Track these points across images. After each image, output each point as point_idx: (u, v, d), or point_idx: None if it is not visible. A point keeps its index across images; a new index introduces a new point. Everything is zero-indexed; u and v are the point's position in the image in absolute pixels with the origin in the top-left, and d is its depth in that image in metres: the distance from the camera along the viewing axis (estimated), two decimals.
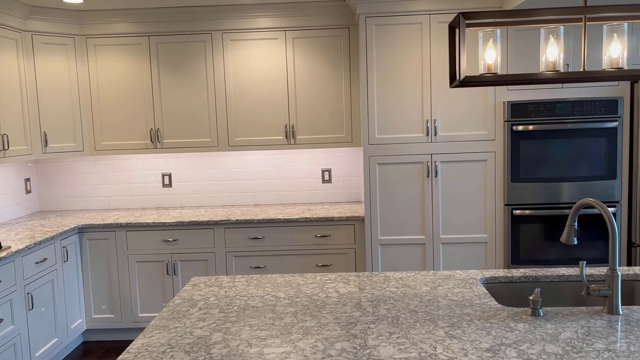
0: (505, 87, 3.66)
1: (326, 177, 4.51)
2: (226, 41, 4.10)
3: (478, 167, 3.74)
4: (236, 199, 4.54)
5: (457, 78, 1.81)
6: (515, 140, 3.65)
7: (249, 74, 4.12)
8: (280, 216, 3.93)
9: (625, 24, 1.78)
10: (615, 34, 1.79)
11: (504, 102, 3.66)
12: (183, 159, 4.53)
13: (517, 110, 3.62)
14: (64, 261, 3.75)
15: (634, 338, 1.58)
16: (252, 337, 1.69)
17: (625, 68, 1.78)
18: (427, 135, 3.73)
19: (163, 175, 4.54)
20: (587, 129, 3.61)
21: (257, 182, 4.53)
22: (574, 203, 3.27)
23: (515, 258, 3.73)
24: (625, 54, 1.78)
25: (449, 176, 3.75)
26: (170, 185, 4.55)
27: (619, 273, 1.79)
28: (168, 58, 4.14)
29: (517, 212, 3.70)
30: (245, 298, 2.08)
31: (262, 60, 4.11)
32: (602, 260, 3.69)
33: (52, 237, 3.57)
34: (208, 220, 3.90)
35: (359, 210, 4.10)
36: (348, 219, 3.91)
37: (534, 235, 3.71)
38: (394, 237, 3.81)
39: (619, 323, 1.71)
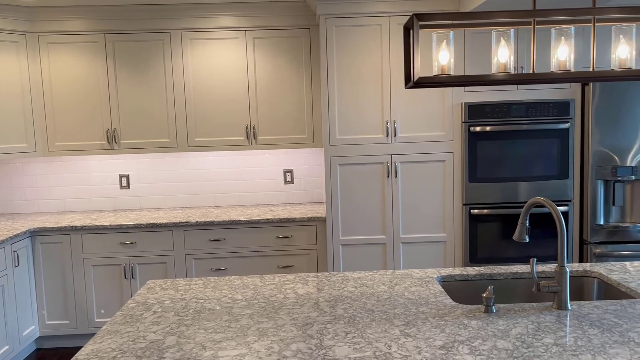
0: (463, 88, 3.73)
1: (288, 178, 4.50)
2: (185, 40, 4.04)
3: (437, 168, 3.80)
4: (196, 201, 4.48)
5: (412, 79, 1.83)
6: (473, 141, 3.72)
7: (209, 74, 4.07)
8: (242, 217, 3.90)
9: (573, 28, 1.83)
10: (562, 37, 1.84)
11: (461, 104, 3.73)
12: (141, 160, 4.44)
13: (474, 112, 3.70)
14: (15, 266, 3.61)
15: (581, 333, 1.63)
16: (206, 340, 1.66)
17: (573, 70, 1.83)
18: (387, 136, 3.77)
19: (121, 177, 4.44)
20: (541, 130, 3.71)
21: (218, 183, 4.48)
22: None
23: (474, 256, 3.80)
24: (572, 56, 1.84)
25: (409, 176, 3.80)
26: (128, 186, 4.44)
27: (567, 270, 1.85)
28: (125, 57, 4.05)
29: (475, 211, 3.77)
30: (202, 301, 2.04)
31: (223, 60, 4.07)
32: (557, 257, 3.79)
33: (2, 242, 3.43)
34: (167, 222, 3.83)
35: (320, 210, 4.10)
36: (310, 219, 3.90)
37: (491, 234, 3.79)
38: (355, 237, 3.83)
39: (568, 318, 1.75)
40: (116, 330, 1.77)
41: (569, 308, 1.84)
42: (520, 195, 3.77)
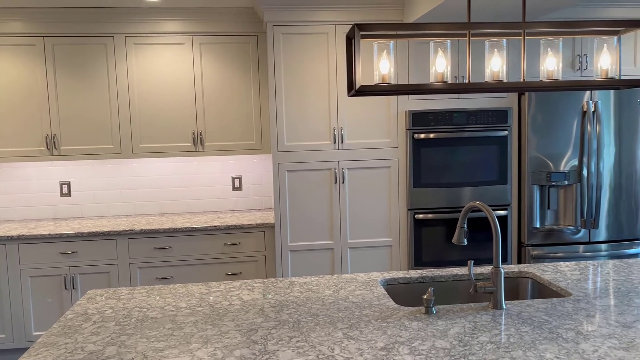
0: (407, 97, 3.84)
1: (236, 184, 4.47)
2: (130, 45, 3.96)
3: (382, 174, 3.88)
4: (141, 208, 4.38)
5: (354, 87, 1.87)
6: (417, 147, 3.83)
7: (155, 79, 4.01)
8: (188, 225, 3.84)
9: (505, 40, 1.93)
10: (496, 49, 1.94)
11: (406, 112, 3.83)
12: (83, 167, 4.31)
13: (418, 120, 3.80)
14: None
15: (514, 330, 1.71)
16: (148, 349, 1.64)
17: (505, 80, 1.93)
18: (335, 142, 3.82)
19: (61, 184, 4.29)
20: (481, 137, 3.86)
21: (164, 190, 4.40)
22: None
23: (418, 260, 3.90)
24: (505, 67, 1.93)
25: (356, 182, 3.86)
26: (69, 194, 4.30)
27: (502, 271, 1.93)
28: (66, 61, 3.92)
29: (420, 216, 3.87)
30: (145, 309, 2.01)
31: (169, 65, 4.01)
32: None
33: None
34: (110, 231, 3.73)
35: (269, 217, 4.10)
36: (258, 226, 3.90)
37: (435, 238, 3.90)
38: (304, 243, 3.85)
39: (503, 317, 1.84)
40: (53, 342, 1.71)
41: (504, 307, 1.92)
42: (463, 200, 3.90)
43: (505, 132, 3.86)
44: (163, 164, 4.39)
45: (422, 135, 3.80)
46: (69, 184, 4.29)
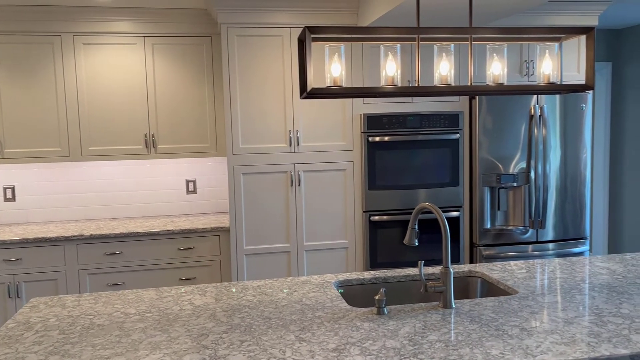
0: (362, 100, 3.87)
1: (191, 187, 4.40)
2: (78, 44, 3.84)
3: (338, 176, 3.90)
4: (91, 213, 4.25)
5: (306, 89, 1.88)
6: (372, 150, 3.87)
7: (105, 80, 3.90)
8: (140, 229, 3.76)
9: (452, 45, 1.98)
10: (444, 54, 1.98)
11: (360, 115, 3.86)
12: (29, 171, 4.15)
13: (372, 123, 3.85)
14: None
15: (462, 329, 1.75)
16: (94, 357, 1.58)
17: (453, 84, 1.98)
18: (290, 145, 3.81)
19: (5, 189, 4.11)
20: (434, 140, 3.94)
21: (116, 194, 4.28)
22: None
23: (374, 261, 3.94)
24: (453, 71, 1.98)
25: (312, 185, 3.87)
26: (13, 199, 4.13)
27: (451, 271, 1.97)
28: (9, 60, 3.77)
29: (375, 218, 3.91)
30: (91, 317, 1.95)
31: (119, 66, 3.91)
32: (453, 260, 4.02)
33: None
34: (58, 236, 3.60)
35: (224, 220, 4.05)
36: (213, 230, 3.84)
37: (390, 239, 3.95)
38: (260, 246, 3.83)
39: (452, 316, 1.87)
40: None
41: (454, 306, 1.96)
42: (418, 202, 3.97)
43: (457, 136, 3.95)
44: (114, 167, 4.27)
45: (377, 138, 3.85)
46: (13, 188, 4.12)
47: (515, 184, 3.96)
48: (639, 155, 5.24)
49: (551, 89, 1.98)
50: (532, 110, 3.94)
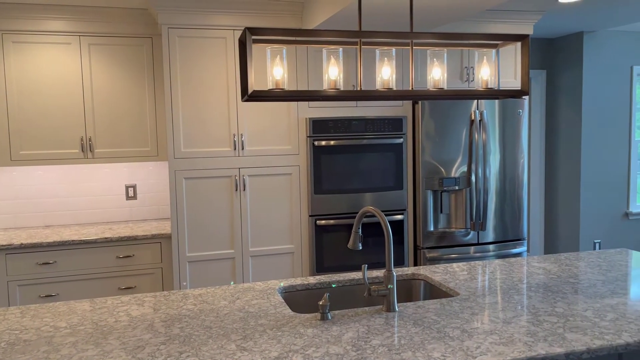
0: (307, 104, 3.86)
1: (130, 193, 4.25)
2: (7, 43, 3.63)
3: (284, 181, 3.86)
4: (22, 221, 4.02)
5: (247, 92, 1.84)
6: (317, 154, 3.86)
7: (37, 81, 3.70)
8: (76, 237, 3.58)
9: (394, 50, 1.99)
10: (386, 58, 1.99)
11: (306, 119, 3.85)
12: None
13: (318, 127, 3.84)
14: None
15: (405, 332, 1.75)
16: None
17: (395, 89, 1.99)
18: (235, 149, 3.75)
19: None
20: (379, 145, 3.97)
21: (49, 200, 4.07)
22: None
23: (320, 266, 3.92)
24: (394, 76, 1.99)
25: (257, 190, 3.81)
26: None
27: (394, 274, 1.98)
28: None
29: (322, 222, 3.90)
30: (17, 332, 1.82)
31: (53, 67, 3.73)
32: (397, 263, 4.07)
33: None
34: None
35: (166, 227, 3.93)
36: (154, 237, 3.72)
37: (337, 244, 3.95)
38: (203, 253, 3.73)
39: (395, 319, 1.88)
40: None
41: (397, 310, 1.97)
42: (363, 205, 3.98)
43: (401, 140, 4.00)
44: (48, 172, 4.06)
45: (323, 143, 3.84)
46: None
47: (457, 187, 4.05)
48: (572, 158, 5.49)
49: (488, 94, 2.02)
50: (473, 116, 4.05)
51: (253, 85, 1.79)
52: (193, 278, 3.72)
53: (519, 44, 2.47)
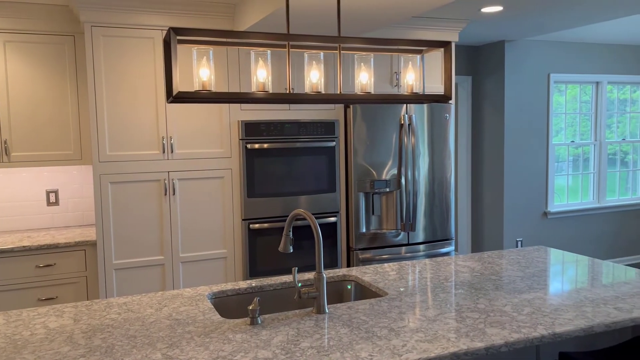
0: (239, 106, 3.82)
1: (52, 199, 4.03)
2: None
3: (216, 184, 3.80)
4: None
5: (172, 93, 1.79)
6: (250, 157, 3.83)
7: None
8: None
9: (322, 53, 2.01)
10: (314, 62, 2.00)
11: (238, 121, 3.80)
12: None
13: (250, 130, 3.81)
14: None
15: (334, 333, 1.77)
16: None
17: (323, 92, 2.00)
18: (164, 152, 3.64)
19: None
20: (312, 148, 3.99)
21: None
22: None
23: (253, 270, 3.89)
24: (323, 79, 2.01)
25: (188, 194, 3.72)
26: None
27: (324, 276, 1.99)
28: None
29: (255, 226, 3.87)
30: None
31: None
32: (331, 264, 4.10)
33: None
34: None
35: (91, 234, 3.76)
36: (77, 244, 3.54)
37: (270, 247, 3.92)
38: (131, 260, 3.60)
39: (325, 321, 1.89)
40: None
41: (327, 311, 1.98)
42: (298, 208, 3.99)
43: (333, 143, 4.04)
44: None
45: (256, 146, 3.81)
46: None
47: (387, 190, 4.14)
48: (496, 161, 5.76)
49: (413, 98, 2.08)
50: (402, 120, 4.16)
51: (178, 86, 1.75)
52: (120, 286, 3.58)
53: (442, 49, 2.56)
